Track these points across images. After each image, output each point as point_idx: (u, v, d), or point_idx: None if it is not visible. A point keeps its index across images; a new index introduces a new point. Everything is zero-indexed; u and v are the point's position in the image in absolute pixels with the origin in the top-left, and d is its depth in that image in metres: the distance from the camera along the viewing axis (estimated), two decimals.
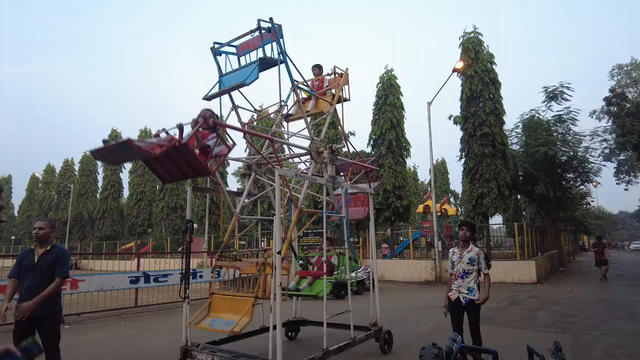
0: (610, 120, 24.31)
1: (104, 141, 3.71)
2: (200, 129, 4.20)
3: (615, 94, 24.10)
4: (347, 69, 6.78)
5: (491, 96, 20.01)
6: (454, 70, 18.50)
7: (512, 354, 5.95)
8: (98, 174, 47.06)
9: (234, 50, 5.81)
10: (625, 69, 43.83)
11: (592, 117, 36.52)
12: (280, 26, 5.43)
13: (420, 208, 27.55)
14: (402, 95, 23.10)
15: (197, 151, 4.12)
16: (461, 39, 21.06)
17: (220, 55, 5.79)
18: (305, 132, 6.27)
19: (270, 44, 5.48)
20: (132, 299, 10.85)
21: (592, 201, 37.62)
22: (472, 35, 20.83)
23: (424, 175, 55.80)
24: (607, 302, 11.34)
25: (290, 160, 7.39)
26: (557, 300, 11.74)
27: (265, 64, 5.48)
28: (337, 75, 6.86)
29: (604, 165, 25.30)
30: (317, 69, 6.99)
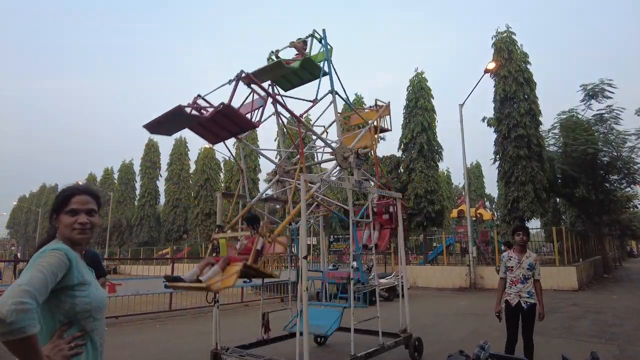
0: None
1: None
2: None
3: None
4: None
5: (526, 97, 19.41)
6: (486, 71, 18.01)
7: None
8: (136, 182, 48.76)
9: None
10: None
11: (638, 115, 34.68)
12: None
13: (455, 213, 26.92)
14: (433, 98, 22.75)
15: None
16: (494, 39, 20.57)
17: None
18: (333, 138, 6.32)
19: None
20: (166, 303, 11.13)
21: None
22: (505, 34, 20.32)
23: (458, 179, 54.66)
24: None
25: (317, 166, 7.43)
26: (601, 308, 11.14)
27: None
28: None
29: None
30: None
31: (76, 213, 1.70)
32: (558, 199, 27.92)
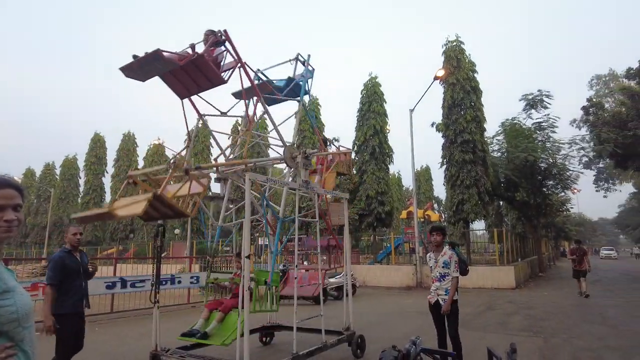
0: (588, 129, 24.96)
1: (134, 56, 4.26)
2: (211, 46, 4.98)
3: (592, 103, 24.76)
4: (351, 150, 7.23)
5: (472, 104, 20.32)
6: (436, 78, 18.76)
7: (479, 357, 6.02)
8: (80, 178, 46.31)
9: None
10: (604, 79, 45.11)
11: (572, 125, 37.45)
12: (314, 69, 6.79)
13: (404, 214, 27.77)
14: (385, 102, 23.37)
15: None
16: (444, 47, 21.38)
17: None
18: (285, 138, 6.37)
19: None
20: (107, 305, 10.67)
21: (572, 208, 38.33)
22: (455, 43, 21.16)
23: (408, 182, 56.27)
24: (581, 306, 11.58)
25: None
26: (533, 305, 11.93)
27: (291, 89, 6.36)
28: (339, 150, 7.35)
29: (582, 173, 25.92)
30: (324, 143, 7.26)
31: (1, 209, 1.54)
32: (501, 202, 29.46)
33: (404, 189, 52.87)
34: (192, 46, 4.85)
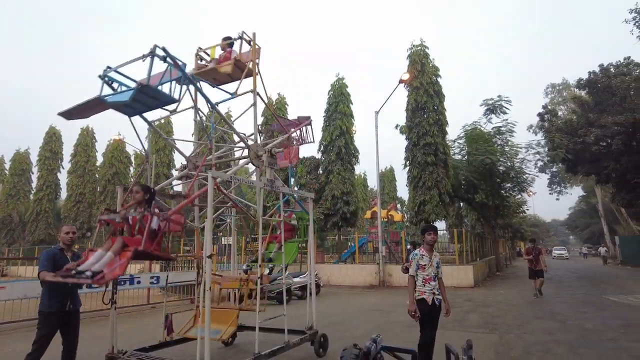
0: (543, 135, 26.21)
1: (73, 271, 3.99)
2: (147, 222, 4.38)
3: (547, 110, 26.04)
4: (254, 33, 6.28)
5: (435, 108, 20.85)
6: (401, 81, 19.13)
7: (437, 353, 6.20)
8: (32, 173, 43.99)
9: (129, 82, 4.83)
10: (558, 88, 47.41)
11: (529, 131, 39.17)
12: (185, 65, 4.92)
13: (368, 214, 28.10)
14: (352, 104, 23.60)
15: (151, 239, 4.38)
16: (409, 51, 21.84)
17: (112, 83, 4.75)
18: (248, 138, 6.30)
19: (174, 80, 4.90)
20: None
21: (528, 209, 40.12)
22: (419, 47, 21.64)
23: (374, 182, 57.02)
24: (533, 303, 12.15)
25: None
26: (489, 302, 12.39)
27: (151, 96, 4.66)
28: (245, 41, 6.27)
29: (537, 176, 27.16)
30: (227, 43, 6.33)
31: None
32: (461, 203, 30.39)
33: (368, 189, 53.56)
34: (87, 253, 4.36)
